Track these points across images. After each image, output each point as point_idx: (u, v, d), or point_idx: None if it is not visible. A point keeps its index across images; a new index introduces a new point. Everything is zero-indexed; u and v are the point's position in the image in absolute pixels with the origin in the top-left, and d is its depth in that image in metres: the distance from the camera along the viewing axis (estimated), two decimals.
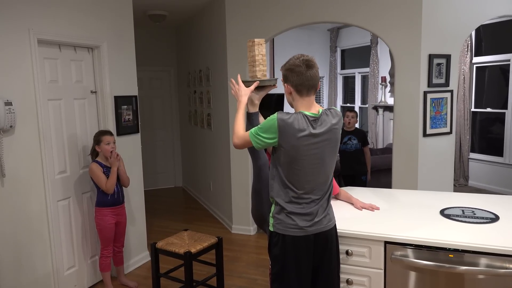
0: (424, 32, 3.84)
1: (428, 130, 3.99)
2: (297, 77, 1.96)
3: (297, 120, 1.92)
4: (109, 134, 3.29)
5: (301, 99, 2.01)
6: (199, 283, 3.08)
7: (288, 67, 2.00)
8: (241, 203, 4.75)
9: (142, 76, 5.94)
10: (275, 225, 2.04)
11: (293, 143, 1.92)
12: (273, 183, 2.05)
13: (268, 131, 1.95)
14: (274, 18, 4.37)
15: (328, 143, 1.99)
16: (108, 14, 3.60)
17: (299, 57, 2.00)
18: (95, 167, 3.23)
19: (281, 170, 1.99)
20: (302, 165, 1.95)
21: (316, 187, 2.01)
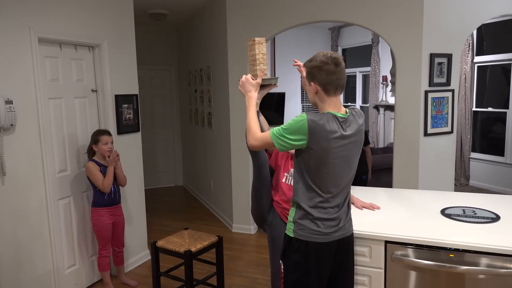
0: (426, 31, 3.83)
1: (429, 130, 3.98)
2: (325, 76, 1.85)
3: (328, 121, 1.82)
4: (107, 134, 3.27)
5: (329, 98, 1.89)
6: (199, 282, 3.08)
7: (315, 64, 1.87)
8: (242, 202, 4.75)
9: (143, 74, 5.94)
10: (296, 231, 1.93)
11: (324, 146, 1.81)
12: (297, 187, 1.93)
13: (296, 132, 1.82)
14: (275, 17, 4.36)
15: (354, 145, 1.92)
16: (109, 13, 3.60)
17: (327, 54, 1.87)
18: (91, 165, 3.21)
19: (307, 174, 1.89)
20: (330, 168, 1.86)
21: (341, 190, 1.93)
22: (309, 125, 1.79)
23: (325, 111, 1.89)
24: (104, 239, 3.31)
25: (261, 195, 2.50)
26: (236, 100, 4.62)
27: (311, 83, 1.91)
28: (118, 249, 3.48)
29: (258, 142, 1.95)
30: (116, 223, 3.37)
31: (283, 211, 2.55)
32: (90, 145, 3.29)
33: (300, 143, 1.83)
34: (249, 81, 2.12)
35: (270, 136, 1.89)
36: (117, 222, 3.39)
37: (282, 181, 2.56)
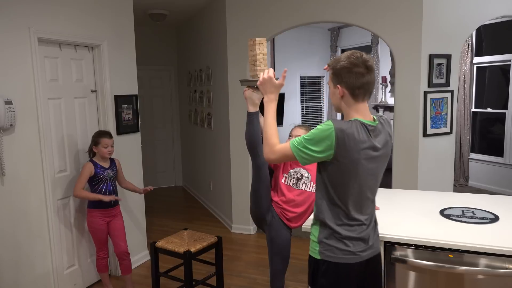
0: (425, 32, 3.84)
1: (428, 130, 3.99)
2: (355, 79, 1.66)
3: (357, 129, 1.64)
4: (108, 137, 3.20)
5: (356, 104, 1.70)
6: (198, 283, 3.08)
7: (344, 65, 1.67)
8: (241, 202, 4.75)
9: (143, 75, 5.94)
10: (323, 252, 1.75)
11: (353, 157, 1.63)
12: (320, 204, 1.75)
13: (320, 143, 1.63)
14: (275, 17, 4.37)
15: (383, 157, 1.75)
16: (109, 13, 3.60)
17: (357, 55, 1.68)
18: (87, 167, 3.14)
19: (333, 189, 1.70)
20: (359, 182, 1.69)
21: (368, 206, 1.78)
22: (337, 135, 1.60)
23: (351, 118, 1.71)
24: (99, 241, 3.25)
25: (260, 195, 2.51)
26: (236, 100, 4.62)
27: (338, 86, 1.71)
28: (120, 256, 3.31)
29: (276, 155, 1.76)
30: (112, 226, 3.26)
31: (282, 212, 2.55)
32: (90, 145, 3.25)
33: (325, 155, 1.64)
34: (272, 81, 1.89)
35: (290, 147, 1.70)
36: (114, 224, 3.27)
37: (281, 182, 2.57)
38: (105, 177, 3.22)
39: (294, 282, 3.54)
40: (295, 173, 2.56)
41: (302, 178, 2.55)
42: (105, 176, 3.22)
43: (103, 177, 3.21)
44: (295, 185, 2.55)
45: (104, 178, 3.21)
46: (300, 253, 4.11)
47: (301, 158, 1.69)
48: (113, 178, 3.30)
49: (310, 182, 2.56)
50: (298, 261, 3.92)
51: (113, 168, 3.31)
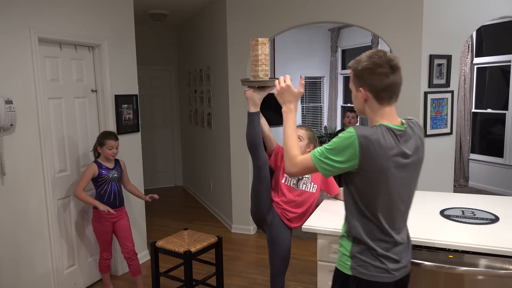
0: (425, 32, 3.84)
1: (428, 131, 3.99)
2: (379, 81, 1.53)
3: (382, 135, 1.50)
4: (113, 139, 3.16)
5: (381, 108, 1.58)
6: (198, 283, 3.08)
7: (367, 66, 1.55)
8: (241, 202, 4.75)
9: (143, 75, 5.94)
10: (355, 268, 1.61)
11: (381, 166, 1.50)
12: (352, 219, 1.62)
13: (343, 152, 1.51)
14: (275, 17, 4.37)
15: (415, 164, 1.62)
16: (109, 13, 3.60)
17: (380, 54, 1.55)
18: (89, 168, 3.12)
19: (362, 202, 1.57)
20: (390, 193, 1.55)
21: (401, 219, 1.65)
22: (360, 142, 1.48)
23: (376, 123, 1.58)
24: (104, 242, 3.24)
25: (261, 195, 2.51)
26: (236, 100, 4.62)
27: (360, 89, 1.58)
28: (128, 257, 3.26)
29: (298, 168, 1.64)
30: (118, 227, 3.23)
31: (283, 212, 2.55)
32: (95, 145, 3.21)
33: (350, 165, 1.52)
34: (290, 89, 1.77)
35: (312, 159, 1.59)
36: (120, 225, 3.24)
37: (282, 182, 2.57)
38: (110, 178, 3.19)
39: (294, 282, 3.55)
40: None
41: (303, 178, 2.55)
42: (109, 177, 3.19)
43: (107, 177, 3.18)
44: (296, 186, 2.55)
45: (108, 179, 3.18)
46: (300, 253, 4.11)
47: (324, 170, 1.57)
48: (117, 179, 3.26)
49: (311, 182, 2.56)
50: (298, 261, 3.93)
51: (118, 169, 3.28)
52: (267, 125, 2.53)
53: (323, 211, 2.52)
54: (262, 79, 2.30)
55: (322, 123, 9.08)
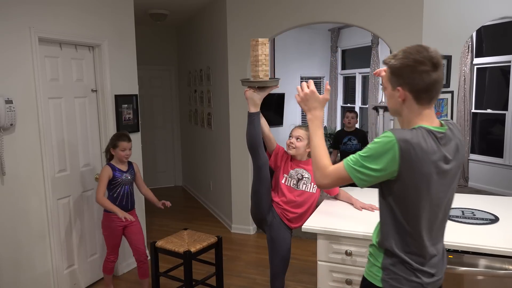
0: (425, 32, 3.84)
1: None
2: (420, 80, 1.39)
3: (423, 138, 1.38)
4: (126, 140, 3.12)
5: (421, 109, 1.45)
6: (198, 283, 3.08)
7: (407, 63, 1.41)
8: (241, 202, 4.76)
9: (143, 75, 5.94)
10: (387, 280, 1.50)
11: (423, 172, 1.38)
12: (387, 230, 1.50)
13: (380, 158, 1.39)
14: (275, 17, 4.37)
15: (456, 169, 1.49)
16: (109, 13, 3.60)
17: (421, 50, 1.41)
18: (105, 171, 3.08)
19: (401, 212, 1.45)
20: (430, 201, 1.43)
21: (440, 229, 1.54)
22: (400, 147, 1.36)
23: (413, 125, 1.45)
24: (112, 245, 3.20)
25: (261, 196, 2.51)
26: (236, 100, 4.62)
27: (398, 88, 1.45)
28: (139, 260, 3.24)
29: (330, 179, 1.53)
30: (130, 230, 3.19)
31: (283, 212, 2.55)
32: (108, 146, 3.17)
33: (388, 173, 1.40)
34: (315, 95, 1.64)
35: (345, 168, 1.47)
36: (131, 228, 3.19)
37: (282, 182, 2.57)
38: (123, 180, 3.15)
39: (294, 282, 3.55)
40: (296, 173, 2.56)
41: (303, 178, 2.55)
42: (122, 179, 3.15)
43: (121, 180, 3.14)
44: (296, 186, 2.55)
45: (121, 181, 3.14)
46: (300, 253, 4.12)
47: (359, 180, 1.45)
48: (130, 182, 3.22)
49: (311, 182, 2.56)
50: (298, 261, 3.93)
51: (131, 172, 3.24)
52: (267, 125, 2.53)
53: (323, 211, 2.52)
54: (262, 79, 2.31)
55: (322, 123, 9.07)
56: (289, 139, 2.59)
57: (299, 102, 1.68)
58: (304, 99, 1.67)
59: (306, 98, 1.67)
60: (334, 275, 2.25)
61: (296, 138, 2.56)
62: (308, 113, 1.67)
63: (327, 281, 2.27)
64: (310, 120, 1.66)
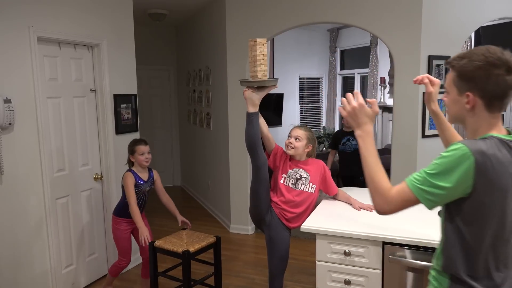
0: (424, 33, 3.84)
1: (427, 131, 4.00)
2: (495, 85, 1.25)
3: (497, 149, 1.24)
4: (143, 144, 3.08)
5: (490, 117, 1.31)
6: (197, 282, 3.08)
7: (480, 66, 1.26)
8: (240, 202, 4.76)
9: (142, 74, 5.92)
10: None
11: (500, 186, 1.24)
12: (451, 253, 1.33)
13: (452, 174, 1.23)
14: (274, 18, 4.37)
15: None
16: (108, 13, 3.60)
17: (495, 51, 1.26)
18: (129, 179, 3.00)
19: (469, 234, 1.29)
20: (504, 219, 1.28)
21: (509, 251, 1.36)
22: (476, 160, 1.21)
23: (481, 135, 1.31)
24: (123, 249, 3.16)
25: (260, 196, 2.51)
26: (235, 100, 4.63)
27: (468, 93, 1.30)
28: (146, 258, 3.21)
29: (393, 204, 1.35)
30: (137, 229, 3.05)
31: (282, 212, 2.56)
32: (128, 156, 3.12)
33: (461, 190, 1.24)
34: (364, 109, 1.46)
35: (410, 189, 1.31)
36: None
37: (281, 182, 2.57)
38: (143, 190, 3.10)
39: (292, 282, 3.55)
40: (294, 173, 2.56)
41: (301, 178, 2.56)
42: (142, 189, 3.09)
43: (141, 189, 3.08)
44: (294, 186, 2.55)
45: (142, 191, 3.09)
46: (299, 253, 4.12)
47: (428, 201, 1.29)
48: (148, 192, 3.17)
49: (309, 182, 2.56)
50: (296, 261, 3.93)
51: (151, 181, 3.17)
52: (266, 125, 2.54)
53: (322, 211, 2.53)
54: (260, 79, 2.31)
55: (321, 123, 9.09)
56: (288, 139, 2.60)
57: (346, 117, 1.50)
58: (352, 113, 1.48)
59: (354, 113, 1.47)
60: (332, 275, 2.25)
61: (295, 138, 2.56)
62: (357, 129, 1.48)
63: (325, 281, 2.27)
64: (360, 136, 1.47)
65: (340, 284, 2.23)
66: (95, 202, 3.59)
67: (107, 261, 3.73)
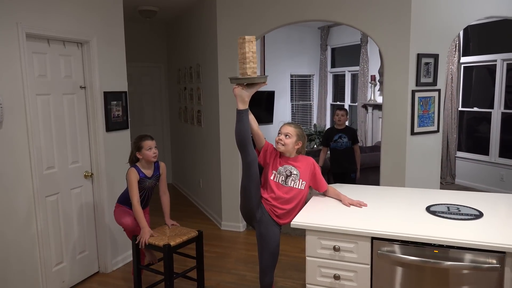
0: (413, 31, 3.88)
1: (416, 129, 4.04)
2: None
3: None
4: (149, 139, 3.02)
5: None
6: (178, 275, 3.09)
7: None
8: (231, 199, 4.77)
9: (132, 72, 5.90)
10: None
11: None
12: None
13: None
14: (265, 15, 4.38)
15: None
16: (98, 9, 3.58)
17: None
18: (133, 175, 2.97)
19: None
20: None
21: None
22: None
23: None
24: (132, 229, 3.08)
25: (250, 192, 2.52)
26: (226, 98, 4.63)
27: None
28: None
29: None
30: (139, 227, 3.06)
31: (272, 208, 2.57)
32: (133, 152, 3.06)
33: None
34: None
35: None
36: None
37: (271, 179, 2.58)
38: (146, 186, 3.07)
39: (283, 278, 3.57)
40: (284, 170, 2.58)
41: (291, 175, 2.57)
42: (146, 185, 3.06)
43: (144, 185, 3.05)
44: (284, 182, 2.57)
45: (145, 187, 3.06)
46: (289, 249, 4.14)
47: None
48: (153, 187, 3.14)
49: (299, 179, 2.58)
50: (287, 258, 3.95)
51: (156, 177, 3.14)
52: (256, 122, 2.55)
53: (312, 207, 2.55)
54: (250, 76, 2.32)
55: (312, 121, 9.13)
56: (278, 136, 2.61)
57: None
58: None
59: None
60: (322, 270, 2.27)
61: (285, 135, 2.58)
62: None
63: (315, 276, 2.30)
64: None
65: (329, 279, 2.26)
66: (85, 199, 3.58)
67: (97, 259, 3.72)
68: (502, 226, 2.16)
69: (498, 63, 6.10)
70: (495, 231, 2.08)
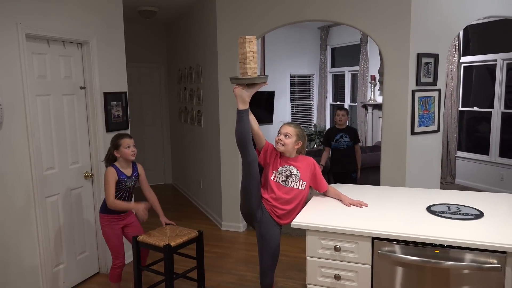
0: (413, 31, 3.88)
1: (416, 128, 4.04)
2: None
3: None
4: (128, 137, 3.01)
5: None
6: (179, 276, 3.09)
7: None
8: (231, 200, 4.76)
9: (132, 72, 5.91)
10: None
11: None
12: None
13: None
14: (265, 15, 4.38)
15: None
16: (98, 10, 3.57)
17: None
18: (110, 173, 2.94)
19: None
20: None
21: None
22: None
23: None
24: (115, 248, 3.07)
25: (251, 192, 2.52)
26: (226, 98, 4.63)
27: None
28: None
29: None
30: (129, 229, 3.12)
31: (272, 209, 2.57)
32: (109, 151, 3.03)
33: None
34: None
35: None
36: (131, 227, 3.14)
37: (271, 179, 2.58)
38: (126, 186, 3.05)
39: (283, 278, 3.57)
40: (284, 170, 2.57)
41: (291, 175, 2.57)
42: (126, 184, 3.04)
43: (125, 185, 3.03)
44: (284, 183, 2.56)
45: (125, 186, 3.04)
46: (290, 250, 4.14)
47: None
48: (133, 187, 3.12)
49: (299, 179, 2.58)
50: (288, 258, 3.95)
51: (135, 177, 3.14)
52: (256, 122, 2.55)
53: (312, 207, 2.55)
54: (250, 76, 2.32)
55: (312, 121, 9.13)
56: (278, 136, 2.60)
57: None
58: None
59: None
60: (323, 271, 2.27)
61: (285, 135, 2.57)
62: None
63: (316, 277, 2.30)
64: None
65: (330, 279, 2.26)
66: (85, 200, 3.57)
67: (98, 259, 3.72)
68: (503, 226, 2.16)
69: (498, 62, 6.10)
70: (496, 231, 2.07)
